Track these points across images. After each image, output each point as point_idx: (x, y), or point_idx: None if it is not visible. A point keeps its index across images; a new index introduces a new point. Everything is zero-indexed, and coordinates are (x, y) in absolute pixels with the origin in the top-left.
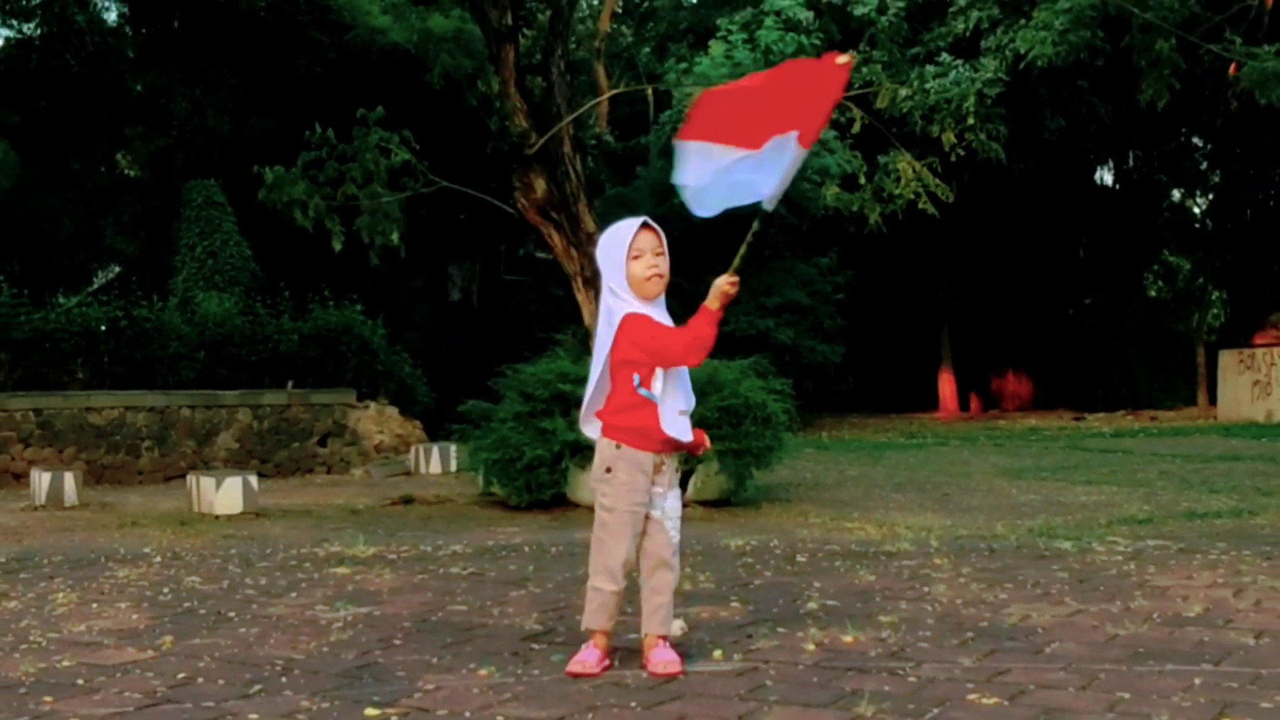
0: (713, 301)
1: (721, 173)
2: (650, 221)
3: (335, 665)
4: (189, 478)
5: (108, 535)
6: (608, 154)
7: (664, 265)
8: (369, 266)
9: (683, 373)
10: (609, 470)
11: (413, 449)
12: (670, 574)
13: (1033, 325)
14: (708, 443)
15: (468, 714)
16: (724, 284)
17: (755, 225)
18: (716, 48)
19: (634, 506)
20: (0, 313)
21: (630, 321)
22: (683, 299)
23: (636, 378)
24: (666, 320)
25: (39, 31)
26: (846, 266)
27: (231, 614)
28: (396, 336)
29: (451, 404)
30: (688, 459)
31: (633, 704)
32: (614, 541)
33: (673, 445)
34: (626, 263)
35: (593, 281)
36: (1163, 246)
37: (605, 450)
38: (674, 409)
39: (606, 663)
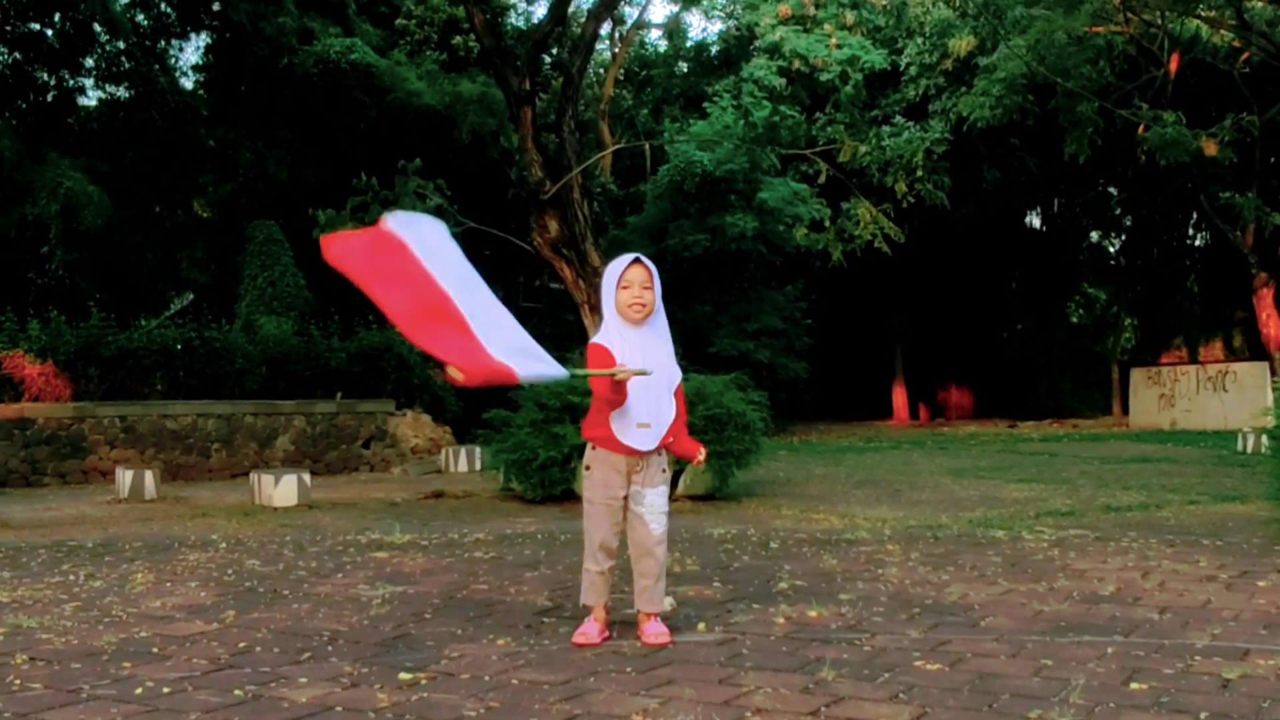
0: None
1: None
2: (642, 258)
3: (374, 636)
4: (251, 475)
5: (181, 525)
6: (611, 200)
7: (649, 297)
8: None
9: (648, 389)
10: (588, 468)
11: (443, 451)
12: (653, 560)
13: (973, 346)
14: (699, 458)
15: (487, 678)
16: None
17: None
18: (713, 110)
19: (608, 500)
20: (91, 333)
21: (589, 350)
22: (675, 323)
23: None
24: (655, 340)
25: (127, 94)
26: (813, 296)
27: (286, 592)
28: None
29: (476, 412)
30: (678, 461)
31: (629, 669)
32: (594, 528)
33: (639, 451)
34: (616, 292)
35: (598, 308)
36: (1082, 280)
37: (587, 452)
38: (631, 422)
39: (606, 634)
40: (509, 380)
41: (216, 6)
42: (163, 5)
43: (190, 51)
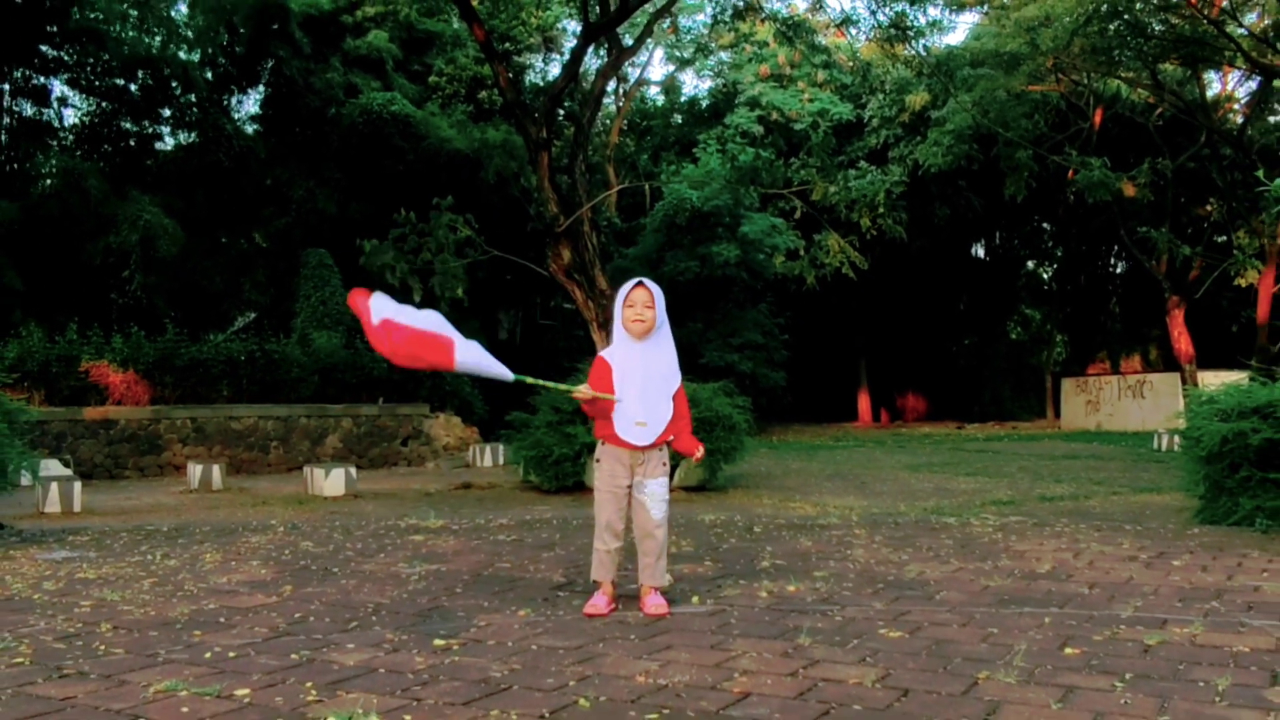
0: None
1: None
2: (646, 281)
3: (412, 607)
4: (305, 469)
5: (244, 511)
6: (616, 232)
7: (649, 315)
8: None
9: (645, 392)
10: (598, 461)
11: (471, 448)
12: (653, 541)
13: (926, 358)
14: (698, 455)
15: (510, 643)
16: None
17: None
18: (703, 155)
19: (614, 488)
20: (166, 346)
21: (595, 362)
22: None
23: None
24: (655, 353)
25: (197, 139)
26: (789, 315)
27: (335, 570)
28: None
29: (500, 414)
30: (676, 457)
31: (632, 636)
32: (602, 512)
33: (636, 446)
34: (622, 310)
35: (605, 325)
36: (1020, 302)
37: (598, 447)
38: (630, 420)
39: (613, 606)
40: (442, 351)
41: (271, 63)
42: (226, 64)
43: (250, 103)
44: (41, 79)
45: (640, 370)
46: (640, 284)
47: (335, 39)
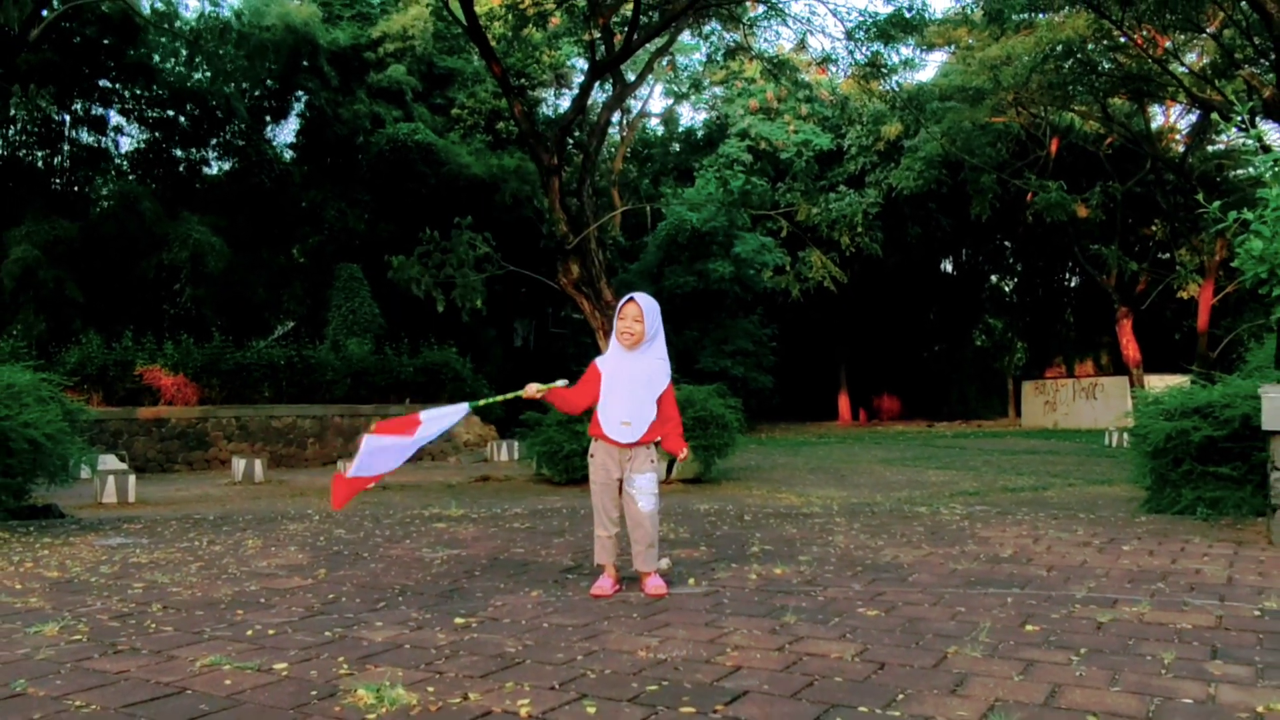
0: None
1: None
2: (636, 297)
3: (434, 589)
4: (339, 463)
5: (283, 502)
6: (620, 249)
7: (637, 328)
8: (461, 322)
9: (631, 395)
10: (591, 455)
11: (489, 444)
12: (642, 530)
13: (900, 362)
14: (682, 455)
15: (524, 621)
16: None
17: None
18: (699, 180)
19: (605, 479)
20: (213, 352)
21: (589, 367)
22: (669, 345)
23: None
24: (644, 360)
25: (240, 166)
26: (776, 325)
27: (365, 554)
28: (479, 369)
29: (515, 414)
30: (668, 454)
31: (634, 615)
32: (597, 501)
33: (620, 443)
34: (616, 321)
35: (610, 334)
36: (984, 312)
37: (592, 443)
38: (616, 419)
39: (617, 588)
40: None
41: (304, 96)
42: (262, 97)
43: (286, 132)
44: (100, 110)
45: (627, 376)
46: (631, 299)
47: (360, 72)
